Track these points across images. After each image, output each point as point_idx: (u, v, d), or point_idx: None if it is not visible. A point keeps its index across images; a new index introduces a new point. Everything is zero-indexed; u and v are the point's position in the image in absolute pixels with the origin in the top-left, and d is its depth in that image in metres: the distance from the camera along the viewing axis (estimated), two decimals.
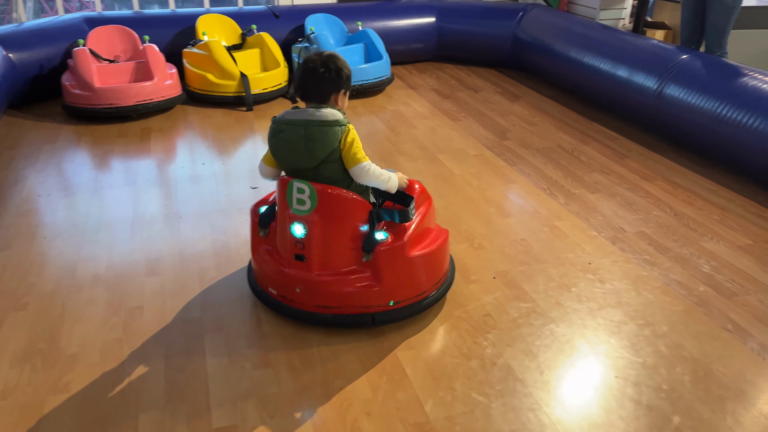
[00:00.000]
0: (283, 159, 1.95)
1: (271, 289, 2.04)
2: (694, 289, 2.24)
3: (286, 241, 1.98)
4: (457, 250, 2.48)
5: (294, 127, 1.88)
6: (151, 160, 3.32)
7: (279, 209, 2.00)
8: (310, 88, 1.93)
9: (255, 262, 2.11)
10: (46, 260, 2.39)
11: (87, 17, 4.47)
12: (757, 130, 2.92)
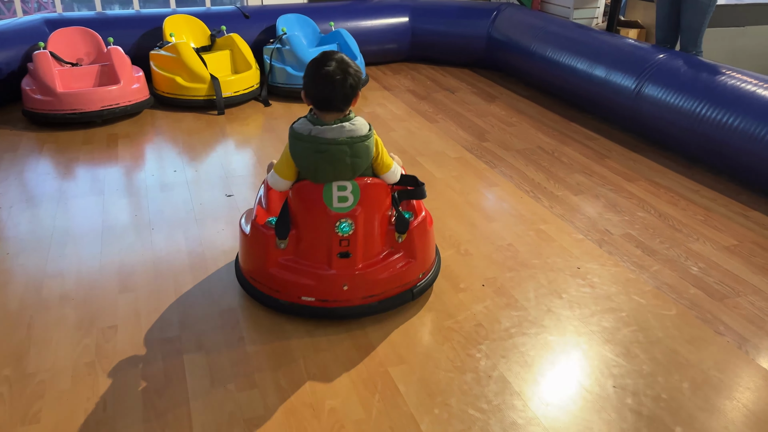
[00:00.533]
0: (324, 175, 1.90)
1: (306, 297, 1.99)
2: (685, 292, 2.21)
3: (324, 243, 1.96)
4: (445, 257, 2.41)
5: (338, 146, 1.85)
6: (119, 168, 3.18)
7: (309, 212, 1.96)
8: (333, 98, 1.86)
9: (280, 276, 2.00)
10: (9, 278, 2.24)
11: (47, 19, 4.28)
12: (738, 129, 2.92)
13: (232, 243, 2.49)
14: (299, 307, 2.01)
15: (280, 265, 2.01)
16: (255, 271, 2.07)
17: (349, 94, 1.86)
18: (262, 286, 2.06)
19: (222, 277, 2.27)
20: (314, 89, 1.87)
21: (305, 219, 1.97)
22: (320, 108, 1.89)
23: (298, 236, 2.00)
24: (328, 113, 1.89)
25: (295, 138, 1.90)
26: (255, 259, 2.06)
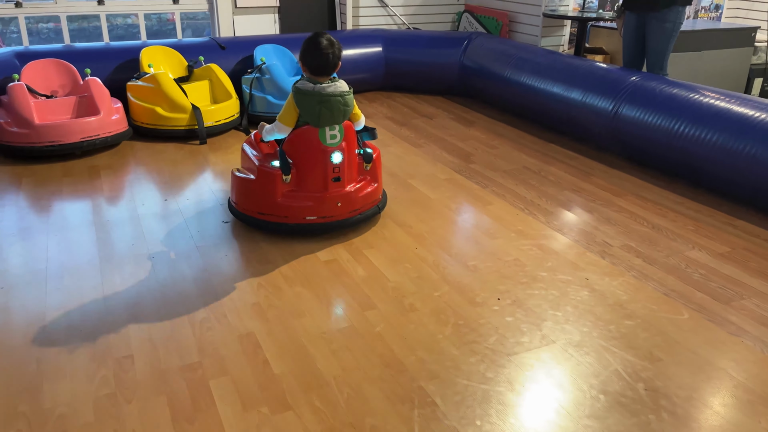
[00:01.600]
0: (324, 120, 2.53)
1: (309, 216, 2.62)
2: (692, 297, 2.28)
3: (321, 171, 2.59)
4: (454, 273, 2.42)
5: (335, 98, 2.52)
6: (107, 199, 3.08)
7: (308, 150, 2.57)
8: (326, 65, 2.52)
9: (287, 203, 2.60)
10: (7, 313, 2.13)
11: (17, 52, 4.17)
12: (715, 145, 3.07)
13: (238, 267, 2.44)
14: (304, 225, 2.64)
15: (285, 196, 2.61)
16: (264, 206, 2.64)
17: (336, 63, 2.54)
18: (270, 216, 2.64)
19: (234, 301, 2.21)
20: (312, 59, 2.52)
21: (304, 156, 2.59)
22: (316, 73, 2.54)
23: (297, 171, 2.61)
24: (322, 77, 2.54)
25: (302, 93, 2.51)
26: (264, 195, 2.63)
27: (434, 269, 2.46)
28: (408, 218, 2.91)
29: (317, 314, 2.15)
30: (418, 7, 5.76)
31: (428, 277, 2.40)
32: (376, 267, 2.47)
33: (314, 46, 2.50)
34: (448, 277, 2.40)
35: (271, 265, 2.47)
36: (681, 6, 3.82)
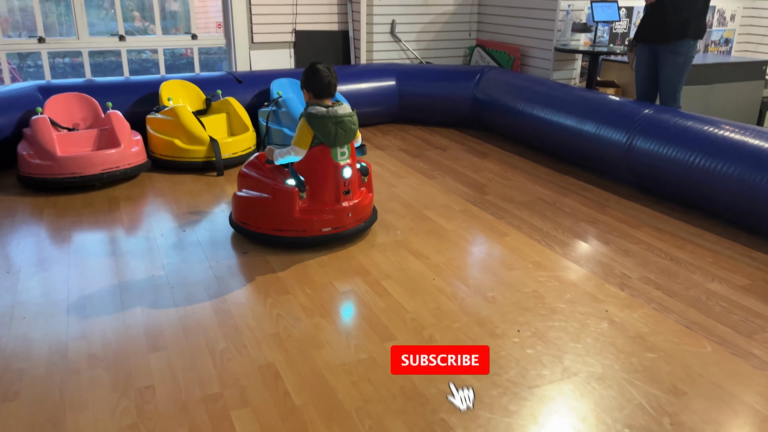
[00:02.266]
0: (340, 140, 2.78)
1: (325, 228, 2.84)
2: (714, 330, 2.26)
3: (333, 185, 2.83)
4: (473, 304, 2.42)
5: (347, 119, 2.78)
6: (126, 230, 3.12)
7: (323, 168, 2.80)
8: (330, 89, 2.80)
9: (305, 218, 2.81)
10: (30, 343, 2.14)
11: (40, 86, 4.27)
12: (731, 177, 3.07)
13: (257, 298, 2.45)
14: (321, 238, 2.85)
15: (302, 211, 2.81)
16: (281, 223, 2.82)
17: (336, 85, 2.83)
18: (287, 232, 2.83)
19: (254, 332, 2.22)
20: (315, 84, 2.79)
21: (319, 173, 2.82)
22: (320, 96, 2.80)
23: (311, 188, 2.83)
24: (326, 99, 2.81)
25: (318, 117, 2.73)
26: (281, 212, 2.81)
27: (452, 300, 2.45)
28: (425, 249, 2.92)
29: (336, 345, 2.15)
30: (430, 41, 5.86)
31: (447, 308, 2.40)
32: (394, 298, 2.47)
33: (315, 72, 2.79)
34: (467, 308, 2.40)
35: (289, 295, 2.48)
36: (693, 39, 3.87)
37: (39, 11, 4.90)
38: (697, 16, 3.84)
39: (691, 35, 3.84)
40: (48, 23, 7.71)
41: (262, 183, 2.89)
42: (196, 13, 5.83)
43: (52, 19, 8.08)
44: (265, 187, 2.87)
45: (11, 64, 7.60)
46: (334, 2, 5.65)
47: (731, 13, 5.80)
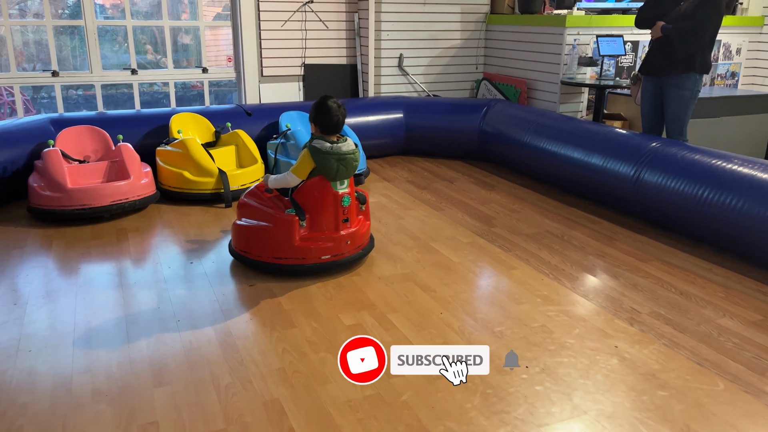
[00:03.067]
0: (340, 175, 2.86)
1: (324, 256, 2.89)
2: (726, 367, 2.22)
3: (333, 214, 2.91)
4: (480, 339, 2.39)
5: (349, 155, 2.86)
6: (134, 261, 3.13)
7: (323, 197, 2.88)
8: (338, 126, 2.88)
9: (305, 245, 2.87)
10: (35, 376, 2.13)
11: (52, 119, 4.33)
12: (740, 211, 3.05)
13: (262, 331, 2.44)
14: (321, 265, 2.91)
15: (302, 239, 2.87)
16: (281, 251, 2.88)
17: (343, 122, 2.90)
18: (288, 260, 2.88)
19: (259, 366, 2.20)
20: (324, 120, 2.85)
21: (319, 202, 2.90)
22: (329, 132, 2.87)
23: (311, 216, 2.90)
24: (333, 135, 2.88)
25: (322, 152, 2.80)
26: (282, 240, 2.87)
27: (460, 335, 2.43)
28: (432, 282, 2.90)
29: (342, 381, 2.12)
30: (437, 75, 5.93)
31: (454, 342, 2.37)
32: (401, 332, 2.45)
33: (326, 109, 2.85)
34: (475, 343, 2.37)
35: (295, 329, 2.47)
36: (698, 74, 3.90)
37: (53, 45, 5.01)
38: (702, 51, 3.87)
39: (696, 69, 3.87)
40: (62, 56, 7.88)
41: (263, 212, 2.96)
42: (208, 47, 5.95)
43: (66, 52, 8.25)
44: (265, 215, 2.94)
45: (25, 95, 7.75)
46: (342, 36, 5.74)
47: (737, 47, 5.85)
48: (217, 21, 7.10)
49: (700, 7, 3.78)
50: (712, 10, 3.78)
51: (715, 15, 3.81)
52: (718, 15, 3.82)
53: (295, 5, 5.48)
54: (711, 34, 3.87)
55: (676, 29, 3.82)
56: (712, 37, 3.90)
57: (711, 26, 3.82)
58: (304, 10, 5.52)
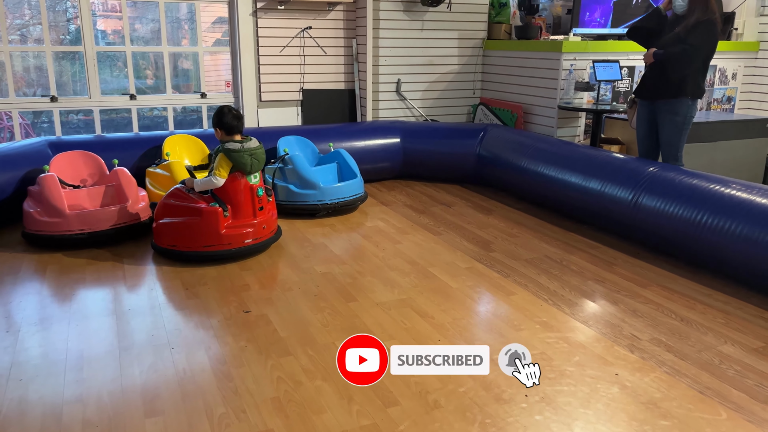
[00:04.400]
0: (253, 168, 3.40)
1: (247, 240, 3.40)
2: (728, 396, 2.19)
3: (251, 203, 3.43)
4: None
5: (258, 151, 3.41)
6: (129, 287, 3.09)
7: (240, 191, 3.40)
8: (239, 126, 3.42)
9: (230, 233, 3.36)
10: (25, 406, 2.09)
11: (50, 141, 4.33)
12: (741, 236, 3.04)
13: (257, 359, 2.40)
14: (245, 248, 3.40)
15: (227, 228, 3.36)
16: (209, 239, 3.34)
17: (243, 123, 3.46)
18: (215, 247, 3.34)
19: (254, 395, 2.16)
20: (227, 123, 3.38)
21: (238, 194, 3.39)
22: (233, 133, 3.40)
23: (231, 207, 3.39)
24: (236, 135, 3.40)
25: (235, 152, 3.31)
26: (209, 230, 3.32)
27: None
28: (429, 308, 2.87)
29: (338, 410, 2.09)
30: (435, 100, 5.96)
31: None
32: None
33: (223, 114, 3.38)
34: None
35: (291, 357, 2.43)
36: (691, 99, 3.90)
37: (52, 71, 5.03)
38: (694, 76, 3.88)
39: (688, 94, 3.88)
40: (63, 81, 7.92)
41: (188, 208, 3.36)
42: (207, 71, 5.98)
43: (66, 76, 8.29)
44: (191, 211, 3.35)
45: (25, 120, 7.77)
46: (341, 62, 5.78)
47: (732, 72, 5.89)
48: (217, 47, 7.15)
49: (693, 31, 3.79)
50: (706, 35, 3.80)
51: (708, 40, 3.83)
52: (711, 40, 3.84)
53: (294, 31, 5.53)
54: (704, 58, 3.88)
55: (668, 53, 3.84)
56: (706, 61, 3.92)
57: (703, 51, 3.83)
58: (302, 36, 5.56)
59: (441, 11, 5.68)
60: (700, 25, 3.78)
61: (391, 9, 5.53)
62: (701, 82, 3.94)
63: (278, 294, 3.02)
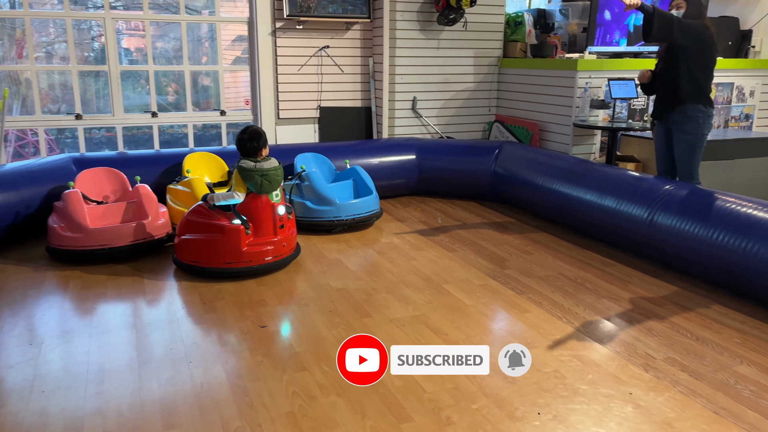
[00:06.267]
0: (263, 189, 3.44)
1: (267, 258, 3.44)
2: (744, 416, 2.18)
3: (271, 222, 3.48)
4: (492, 384, 2.37)
5: (275, 170, 3.47)
6: (148, 302, 3.16)
7: (261, 209, 3.45)
8: (261, 146, 3.48)
9: (251, 250, 3.40)
10: (47, 417, 2.15)
11: (74, 158, 4.44)
12: (757, 254, 3.02)
13: (273, 374, 2.44)
14: (265, 266, 3.44)
15: (248, 245, 3.39)
16: (231, 256, 3.37)
17: (257, 146, 3.47)
18: (237, 263, 3.38)
19: (269, 410, 2.19)
20: (251, 144, 3.46)
21: (259, 212, 3.46)
22: (254, 154, 3.47)
23: (253, 225, 3.44)
24: (257, 156, 3.46)
25: (247, 170, 3.39)
26: (231, 247, 3.36)
27: (471, 380, 2.41)
28: (444, 325, 2.89)
29: (351, 426, 2.11)
30: (450, 117, 6.01)
31: (465, 388, 2.35)
32: (411, 376, 2.43)
33: (248, 135, 3.48)
34: (486, 388, 2.35)
35: (306, 372, 2.47)
36: (704, 106, 3.83)
37: (77, 89, 5.17)
38: (689, 80, 3.83)
39: (693, 99, 3.82)
40: (86, 97, 8.11)
41: (211, 225, 3.40)
42: (227, 88, 6.09)
43: (90, 93, 8.49)
44: (213, 228, 3.39)
45: (49, 135, 7.96)
46: (357, 80, 5.86)
47: (750, 90, 5.87)
48: (236, 65, 7.29)
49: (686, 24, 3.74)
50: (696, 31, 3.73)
51: (698, 39, 3.76)
52: (701, 42, 3.77)
53: (312, 50, 5.63)
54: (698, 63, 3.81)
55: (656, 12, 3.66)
56: (702, 69, 3.84)
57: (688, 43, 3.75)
58: (320, 54, 5.66)
59: (457, 30, 5.75)
60: (693, 24, 3.75)
61: (407, 28, 5.61)
62: (705, 88, 3.87)
63: (294, 309, 3.06)
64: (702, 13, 3.82)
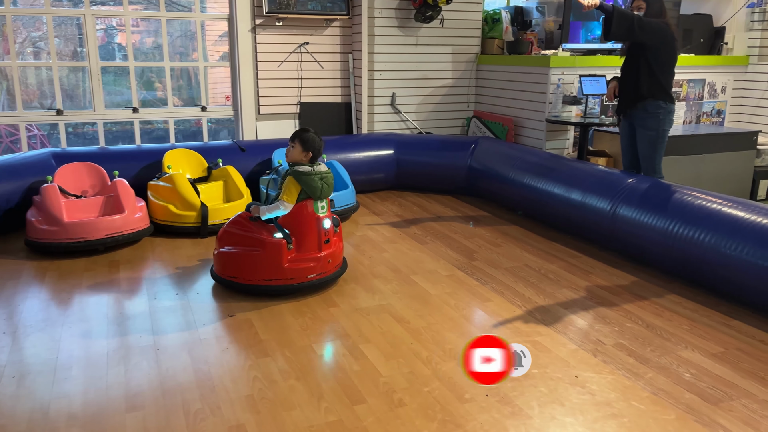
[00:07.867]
0: (324, 193, 3.18)
1: (310, 275, 3.15)
2: (681, 397, 2.29)
3: (316, 236, 3.18)
4: (446, 369, 2.48)
5: (328, 175, 3.21)
6: (122, 293, 3.25)
7: (305, 222, 3.17)
8: (318, 150, 3.22)
9: (293, 267, 3.11)
10: (16, 401, 2.24)
11: (54, 153, 4.52)
12: (710, 245, 3.14)
13: (237, 360, 2.54)
14: (308, 284, 3.16)
15: (290, 261, 3.11)
16: (271, 272, 3.11)
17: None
18: (277, 281, 3.11)
19: (230, 393, 2.29)
20: (317, 148, 3.21)
21: (303, 226, 3.17)
22: (315, 158, 3.21)
23: (295, 238, 3.16)
24: (314, 160, 3.21)
25: (305, 174, 3.12)
26: (272, 263, 3.09)
27: (426, 365, 2.52)
28: (407, 313, 3.00)
29: (307, 407, 2.21)
30: (429, 113, 6.10)
31: (420, 372, 2.46)
32: (370, 362, 2.54)
33: (312, 137, 3.20)
34: (440, 372, 2.46)
35: (269, 358, 2.57)
36: (663, 102, 3.92)
37: (58, 85, 5.24)
38: (649, 77, 3.91)
39: (653, 95, 3.91)
40: (76, 93, 8.17)
41: (250, 238, 3.15)
42: (215, 84, 6.18)
43: (80, 89, 8.54)
44: (253, 241, 3.13)
45: (41, 131, 8.01)
46: (337, 76, 5.95)
47: (722, 86, 5.99)
48: (217, 62, 7.35)
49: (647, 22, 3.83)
50: (658, 29, 3.83)
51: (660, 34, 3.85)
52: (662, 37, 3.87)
53: (291, 46, 5.71)
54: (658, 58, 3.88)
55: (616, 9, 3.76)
56: (664, 65, 3.92)
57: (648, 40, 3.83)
58: (299, 51, 5.74)
59: (435, 27, 5.84)
60: (654, 22, 3.83)
61: (386, 25, 5.70)
62: (665, 84, 3.95)
63: (263, 299, 3.16)
64: (663, 10, 3.92)
